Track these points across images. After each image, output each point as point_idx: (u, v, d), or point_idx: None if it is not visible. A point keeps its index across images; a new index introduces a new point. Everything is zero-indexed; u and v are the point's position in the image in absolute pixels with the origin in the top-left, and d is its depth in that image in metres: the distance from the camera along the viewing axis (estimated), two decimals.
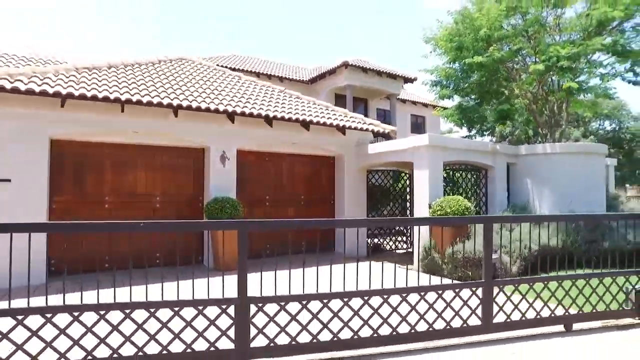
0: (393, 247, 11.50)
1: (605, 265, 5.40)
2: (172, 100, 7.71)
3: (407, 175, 11.65)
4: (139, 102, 7.23)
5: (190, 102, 7.91)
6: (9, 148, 6.81)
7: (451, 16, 10.44)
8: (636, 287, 5.32)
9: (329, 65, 17.98)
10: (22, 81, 6.71)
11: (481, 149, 9.57)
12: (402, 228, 12.05)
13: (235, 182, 8.77)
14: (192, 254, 7.94)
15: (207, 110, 7.86)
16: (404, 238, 12.02)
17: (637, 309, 5.23)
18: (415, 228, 8.50)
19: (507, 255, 7.19)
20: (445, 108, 13.87)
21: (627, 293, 5.34)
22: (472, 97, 12.03)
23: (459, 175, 10.24)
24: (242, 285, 3.87)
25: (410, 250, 10.96)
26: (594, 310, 5.03)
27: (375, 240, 11.54)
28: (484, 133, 17.27)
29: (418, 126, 22.42)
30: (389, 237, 11.76)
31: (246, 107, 8.63)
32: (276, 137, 9.37)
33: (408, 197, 11.54)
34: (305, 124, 9.27)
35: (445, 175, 10.42)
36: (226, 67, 15.77)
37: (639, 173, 26.44)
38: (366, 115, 18.97)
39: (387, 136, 10.83)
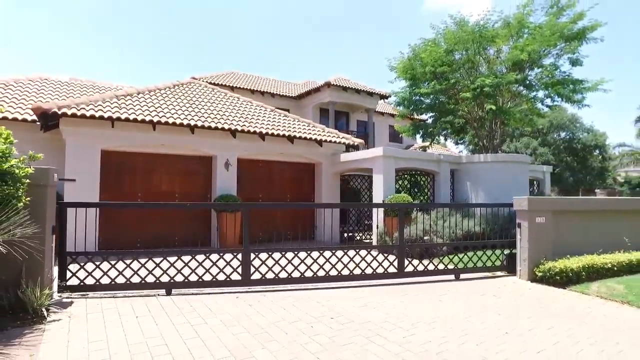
0: (362, 237, 14.15)
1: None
2: (189, 121, 10.36)
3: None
4: (166, 123, 9.89)
5: (203, 122, 10.57)
6: (75, 157, 9.39)
7: (406, 54, 13.24)
8: (506, 253, 8.07)
9: (315, 83, 20.72)
10: (84, 109, 9.31)
11: (427, 158, 12.30)
12: (369, 222, 14.70)
13: (236, 183, 11.42)
14: (200, 238, 10.55)
15: (216, 128, 10.54)
16: (370, 233, 14.66)
17: (507, 266, 7.96)
18: (374, 212, 11.10)
19: (439, 238, 9.84)
20: (411, 117, 16.68)
21: (503, 258, 8.09)
22: (429, 114, 14.83)
23: (420, 178, 12.95)
24: (245, 241, 6.50)
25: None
26: (475, 266, 7.77)
27: (349, 234, 14.16)
28: (459, 142, 20.13)
29: (395, 136, 25.11)
30: (359, 232, 14.40)
31: (245, 125, 11.32)
32: (268, 148, 12.06)
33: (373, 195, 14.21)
34: (291, 139, 11.97)
35: (411, 179, 13.18)
36: (225, 85, 18.43)
37: (589, 178, 29.54)
38: (348, 126, 21.74)
39: (356, 147, 13.53)
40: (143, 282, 6.04)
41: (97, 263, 6.05)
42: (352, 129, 21.92)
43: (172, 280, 6.09)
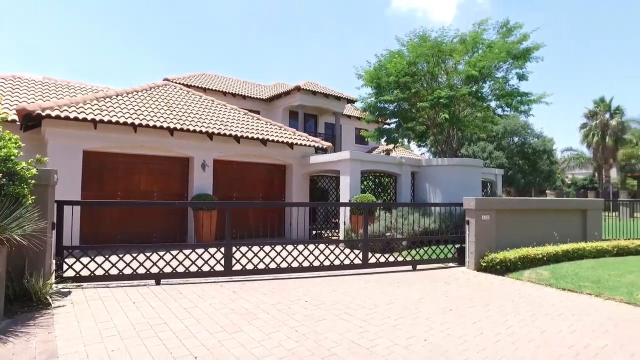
0: (330, 235, 15.07)
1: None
2: (169, 123, 10.92)
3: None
4: (147, 126, 10.42)
5: (182, 125, 11.15)
6: (57, 157, 9.76)
7: (372, 64, 14.29)
8: (457, 247, 9.19)
9: (285, 86, 21.53)
10: (67, 111, 9.72)
11: (391, 161, 13.36)
12: (337, 221, 15.66)
13: (212, 183, 12.06)
14: (177, 234, 11.18)
15: (194, 131, 11.16)
16: (338, 230, 15.63)
17: (458, 258, 9.07)
18: (341, 211, 12.03)
19: (400, 234, 10.88)
20: (378, 122, 17.82)
21: (454, 251, 9.20)
22: (393, 120, 15.97)
23: (384, 179, 14.01)
24: (228, 236, 7.25)
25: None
26: (430, 258, 8.84)
27: (317, 232, 15.06)
28: (421, 145, 21.44)
29: (361, 138, 26.27)
30: (327, 229, 15.32)
31: (221, 128, 11.99)
32: (242, 150, 12.75)
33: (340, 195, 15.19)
34: (264, 141, 12.72)
35: (375, 180, 14.20)
36: (198, 86, 18.90)
37: (538, 180, 31.92)
38: (316, 128, 22.65)
39: (325, 150, 14.44)
40: (134, 273, 6.67)
41: (92, 256, 6.63)
42: (320, 131, 22.85)
43: (161, 272, 6.76)
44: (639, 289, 6.36)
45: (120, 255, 6.76)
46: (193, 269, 7.00)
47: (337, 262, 7.99)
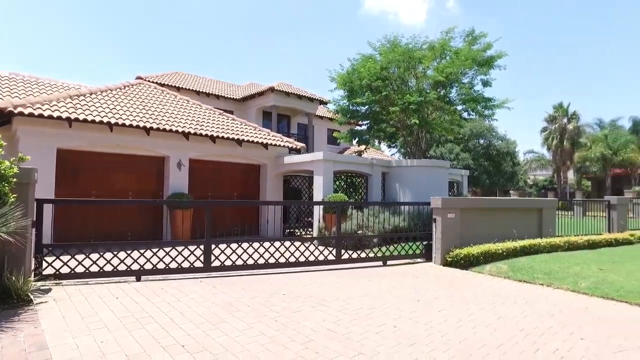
0: (302, 233, 15.43)
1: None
2: (145, 123, 10.99)
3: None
4: (123, 125, 10.47)
5: (158, 124, 11.24)
6: (31, 155, 9.64)
7: (345, 68, 14.76)
8: (424, 243, 9.74)
9: (258, 86, 21.71)
10: (41, 109, 9.66)
11: (362, 162, 13.86)
12: (311, 220, 16.04)
13: (188, 182, 12.19)
14: (152, 232, 11.27)
15: (171, 131, 11.27)
16: (311, 229, 16.02)
17: (425, 254, 9.61)
18: (315, 210, 12.40)
19: (371, 231, 11.32)
20: (351, 124, 18.34)
21: (422, 247, 9.74)
22: (365, 122, 16.49)
23: (355, 179, 14.47)
24: (207, 234, 7.50)
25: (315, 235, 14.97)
26: (399, 254, 9.34)
27: (290, 230, 15.39)
28: (391, 146, 22.08)
29: (333, 139, 26.75)
30: (300, 228, 15.66)
31: (197, 128, 12.14)
32: (218, 150, 12.93)
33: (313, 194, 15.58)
34: (239, 142, 12.94)
35: (347, 180, 14.65)
36: (171, 85, 18.85)
37: (502, 181, 33.42)
38: (289, 129, 22.94)
39: (298, 151, 14.79)
40: (115, 270, 6.82)
41: (72, 254, 6.73)
42: (293, 132, 23.15)
43: (141, 268, 6.94)
44: (583, 279, 7.05)
45: (101, 253, 6.89)
46: (173, 265, 7.21)
47: (312, 258, 8.36)
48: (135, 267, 6.97)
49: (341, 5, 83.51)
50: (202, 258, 7.40)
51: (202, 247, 7.44)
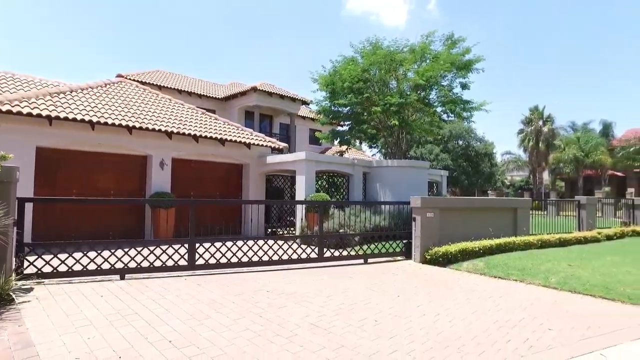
0: (284, 233, 15.56)
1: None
2: (127, 122, 10.95)
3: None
4: (105, 124, 10.41)
5: (141, 123, 11.21)
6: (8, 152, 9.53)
7: (327, 69, 14.96)
8: (404, 242, 10.00)
9: (241, 86, 21.71)
10: (19, 106, 9.53)
11: (344, 162, 14.07)
12: (292, 219, 16.18)
13: (170, 181, 12.18)
14: (135, 231, 11.23)
15: (154, 130, 11.25)
16: (293, 228, 16.16)
17: (405, 252, 9.86)
18: (298, 209, 12.53)
19: (353, 230, 11.53)
20: (332, 124, 18.60)
21: (402, 245, 9.99)
22: (347, 123, 16.72)
23: (337, 179, 14.67)
24: (192, 232, 7.57)
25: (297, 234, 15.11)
26: (380, 253, 9.58)
27: (272, 229, 15.49)
28: (372, 147, 22.39)
29: (315, 139, 26.93)
30: (281, 227, 15.78)
31: (180, 127, 12.14)
32: (201, 150, 12.95)
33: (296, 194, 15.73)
34: (222, 141, 12.99)
35: (329, 180, 14.83)
36: (153, 83, 18.70)
37: (480, 181, 34.24)
38: (271, 129, 23.01)
39: (280, 150, 14.91)
40: (99, 269, 6.83)
41: (55, 253, 6.71)
42: (275, 132, 23.23)
43: (125, 267, 6.97)
44: (553, 275, 7.41)
45: (85, 252, 6.88)
46: (157, 264, 7.26)
47: (294, 257, 8.52)
48: (119, 265, 6.99)
49: (323, 5, 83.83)
50: (186, 257, 7.47)
51: (186, 245, 7.51)
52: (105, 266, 6.94)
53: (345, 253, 9.30)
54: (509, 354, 4.08)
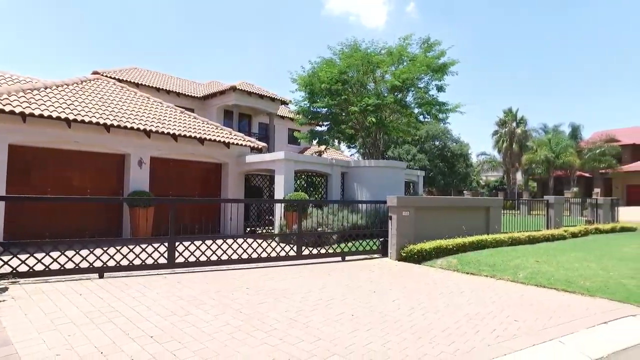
0: (264, 231, 15.63)
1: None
2: (105, 120, 10.86)
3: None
4: (82, 122, 10.30)
5: (119, 121, 11.13)
6: None
7: (306, 70, 15.13)
8: (381, 240, 10.25)
9: (220, 84, 21.65)
10: None
11: (322, 162, 14.26)
12: (271, 218, 16.27)
13: (149, 180, 12.11)
14: (112, 231, 11.14)
15: (132, 128, 11.18)
16: (272, 227, 16.25)
17: (382, 249, 10.12)
18: (276, 207, 12.65)
19: (331, 229, 11.71)
20: (310, 126, 18.79)
21: (379, 243, 10.25)
22: (325, 123, 16.92)
23: (316, 179, 14.85)
24: (172, 231, 7.61)
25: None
26: (357, 250, 9.80)
27: (251, 228, 15.55)
28: (351, 147, 22.64)
29: (294, 138, 27.05)
30: (260, 226, 15.83)
31: (158, 126, 12.10)
32: (180, 148, 12.92)
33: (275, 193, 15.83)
34: (201, 140, 12.99)
35: (307, 179, 14.98)
36: (130, 81, 18.48)
37: (456, 181, 35.08)
38: (250, 128, 23.02)
39: (260, 150, 14.99)
40: (77, 267, 6.81)
41: (31, 252, 6.65)
42: (254, 131, 23.25)
43: (104, 265, 6.96)
44: (521, 270, 7.79)
45: (62, 251, 6.84)
46: (137, 262, 7.28)
47: (273, 254, 8.65)
48: (97, 264, 6.99)
49: (303, 5, 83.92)
50: (166, 255, 7.51)
51: (166, 244, 7.55)
52: (84, 265, 6.92)
53: (323, 251, 9.49)
54: (477, 343, 4.34)
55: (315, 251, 9.32)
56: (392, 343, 4.29)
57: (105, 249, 7.19)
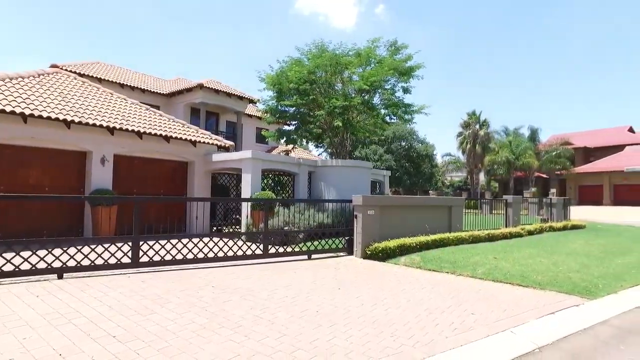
0: (229, 230, 15.53)
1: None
2: (65, 116, 10.50)
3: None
4: (40, 117, 9.92)
5: (80, 117, 10.79)
6: None
7: (274, 70, 15.15)
8: (347, 238, 10.43)
9: (187, 82, 21.29)
10: None
11: (289, 161, 14.32)
12: (238, 217, 16.17)
13: (112, 178, 11.80)
14: (72, 230, 10.78)
15: (94, 125, 10.86)
16: (239, 226, 16.16)
17: (347, 248, 10.28)
18: (243, 206, 12.59)
19: (297, 227, 11.82)
20: (278, 125, 18.80)
21: (344, 242, 10.41)
22: (293, 122, 16.98)
23: (283, 178, 14.88)
24: (136, 230, 7.49)
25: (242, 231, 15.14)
26: (323, 249, 9.93)
27: (217, 227, 15.42)
28: (319, 146, 22.73)
29: (262, 137, 26.92)
30: (227, 225, 15.72)
31: (122, 123, 11.80)
32: (145, 146, 12.66)
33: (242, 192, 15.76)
34: (167, 138, 12.78)
35: (275, 178, 14.98)
36: (92, 76, 17.89)
37: (421, 181, 35.97)
38: (217, 126, 22.76)
39: (227, 149, 14.89)
40: (34, 268, 6.58)
41: None
42: (221, 130, 23.00)
43: (64, 265, 6.76)
44: (480, 266, 8.15)
45: (17, 252, 6.59)
46: (99, 262, 7.11)
47: (240, 253, 8.66)
48: (57, 264, 6.78)
49: (271, 3, 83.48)
50: (129, 254, 7.38)
51: (129, 243, 7.42)
52: (41, 266, 6.70)
53: (289, 250, 9.56)
54: (435, 336, 4.54)
55: (281, 250, 9.38)
56: (354, 338, 4.43)
57: (65, 249, 6.98)
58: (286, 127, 18.74)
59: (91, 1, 78.48)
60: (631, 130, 51.67)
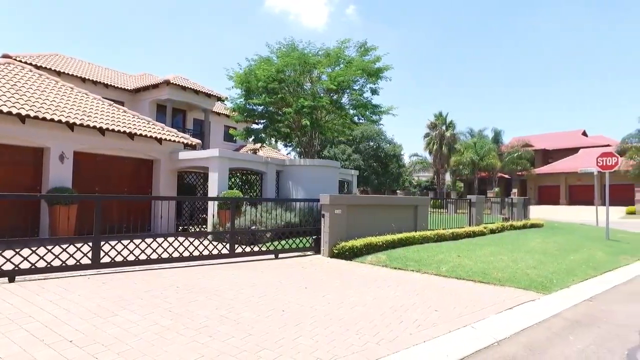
0: (197, 229, 15.26)
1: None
2: (19, 110, 10.00)
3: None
4: None
5: (36, 112, 10.30)
6: None
7: (243, 68, 14.99)
8: (314, 237, 10.45)
9: (152, 77, 20.74)
10: None
11: (257, 160, 14.21)
12: (205, 216, 15.91)
13: (72, 176, 11.33)
14: (28, 231, 10.28)
15: (52, 120, 10.40)
16: (205, 225, 15.90)
17: (315, 247, 10.30)
18: (210, 205, 12.39)
19: (265, 227, 11.74)
20: (247, 123, 18.61)
21: (312, 241, 10.43)
22: (261, 121, 16.86)
23: (251, 177, 14.73)
24: (97, 229, 7.23)
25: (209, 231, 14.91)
26: (291, 248, 9.92)
27: (183, 227, 15.11)
28: (287, 145, 22.64)
29: (230, 136, 26.59)
30: (193, 224, 15.44)
31: (83, 119, 11.36)
32: (107, 143, 12.24)
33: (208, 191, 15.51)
34: (131, 135, 12.40)
35: (242, 177, 14.81)
36: (50, 69, 17.12)
37: (389, 181, 36.55)
38: (184, 124, 22.30)
39: (194, 147, 14.62)
40: None
41: None
42: (188, 127, 22.55)
43: (16, 268, 6.44)
44: (444, 264, 8.36)
45: None
46: (56, 263, 6.82)
47: (206, 253, 8.52)
48: (8, 267, 6.45)
49: (242, 1, 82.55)
50: (90, 255, 7.13)
51: (90, 243, 7.16)
52: None
53: (256, 249, 9.50)
54: (400, 333, 4.63)
55: (248, 249, 9.30)
56: (320, 336, 4.45)
57: (17, 250, 6.66)
58: (254, 126, 18.62)
59: None
60: (584, 134, 54.99)
